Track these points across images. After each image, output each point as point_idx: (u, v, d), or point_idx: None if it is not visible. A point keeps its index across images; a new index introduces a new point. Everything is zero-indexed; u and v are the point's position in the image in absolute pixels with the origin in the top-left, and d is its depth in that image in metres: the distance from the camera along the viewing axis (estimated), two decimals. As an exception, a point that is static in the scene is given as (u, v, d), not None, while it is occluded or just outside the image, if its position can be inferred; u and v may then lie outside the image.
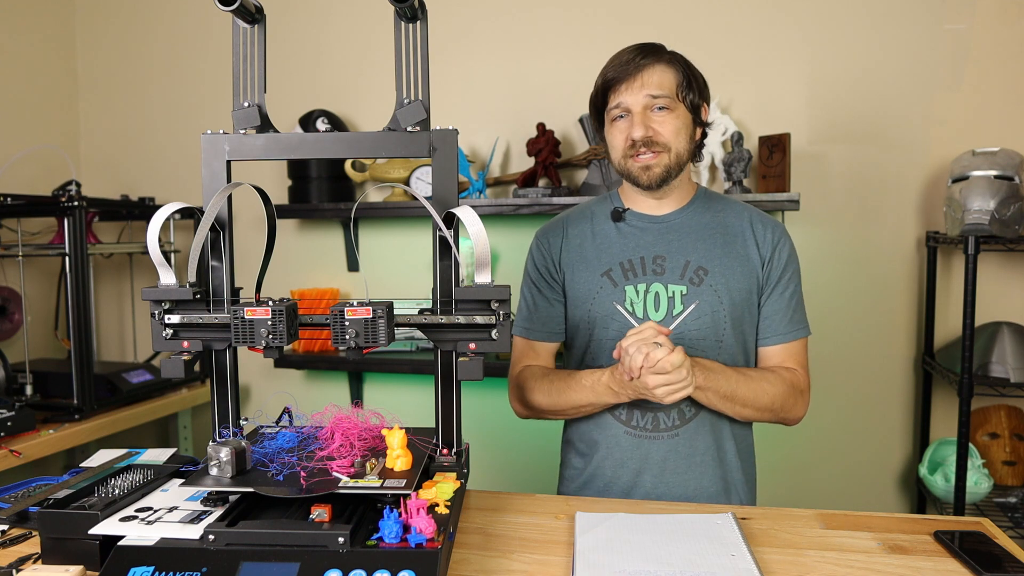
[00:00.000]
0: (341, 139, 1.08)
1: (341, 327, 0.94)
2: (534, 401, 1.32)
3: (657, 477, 1.28)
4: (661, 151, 1.24)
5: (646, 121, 1.24)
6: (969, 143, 1.99)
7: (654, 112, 1.24)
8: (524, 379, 1.35)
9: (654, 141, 1.24)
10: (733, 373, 1.23)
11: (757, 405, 1.25)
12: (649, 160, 1.25)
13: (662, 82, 1.24)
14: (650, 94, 1.23)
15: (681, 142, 1.26)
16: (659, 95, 1.23)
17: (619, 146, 1.28)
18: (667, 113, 1.24)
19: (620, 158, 1.28)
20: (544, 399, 1.30)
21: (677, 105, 1.25)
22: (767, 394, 1.25)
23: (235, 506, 0.92)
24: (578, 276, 1.33)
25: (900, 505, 2.18)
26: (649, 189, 1.28)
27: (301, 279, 2.47)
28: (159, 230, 0.98)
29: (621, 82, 1.24)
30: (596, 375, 1.24)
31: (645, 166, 1.25)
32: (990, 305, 2.03)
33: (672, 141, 1.25)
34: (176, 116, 2.59)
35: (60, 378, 2.04)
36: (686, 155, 1.28)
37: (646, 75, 1.23)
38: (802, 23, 2.12)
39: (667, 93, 1.24)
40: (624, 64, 1.24)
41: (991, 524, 1.08)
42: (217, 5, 0.99)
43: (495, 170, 2.33)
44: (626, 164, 1.28)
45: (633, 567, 0.90)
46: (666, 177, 1.26)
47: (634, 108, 1.24)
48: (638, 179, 1.27)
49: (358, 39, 2.41)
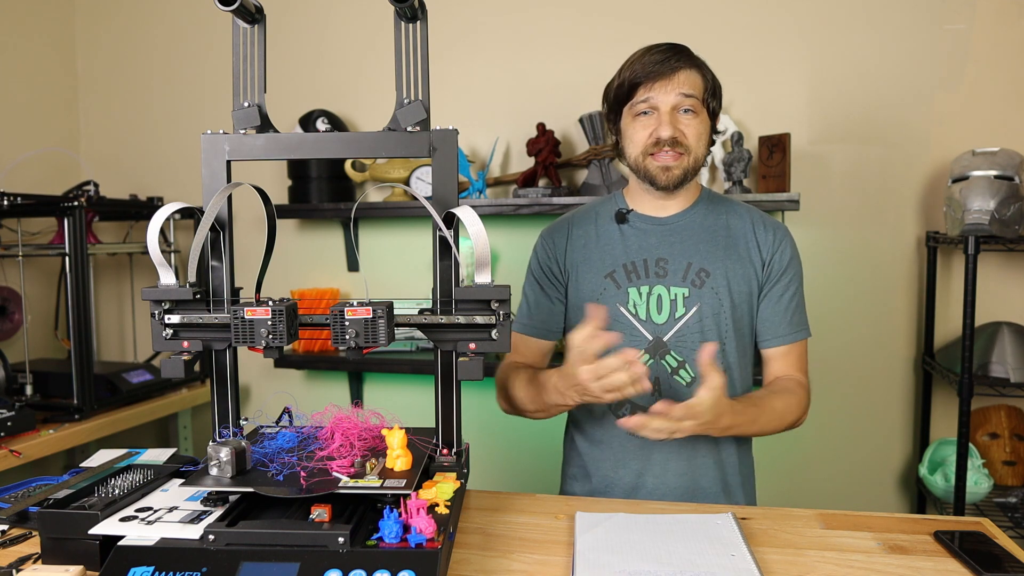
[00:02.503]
0: (341, 139, 1.08)
1: (341, 327, 0.94)
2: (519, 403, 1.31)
3: (659, 478, 1.28)
4: (683, 153, 1.24)
5: (674, 122, 1.23)
6: (969, 143, 1.99)
7: (681, 114, 1.24)
8: (505, 376, 1.35)
9: (678, 142, 1.23)
10: (754, 411, 1.22)
11: (772, 429, 1.27)
12: (670, 161, 1.24)
13: (694, 84, 1.24)
14: (683, 93, 1.22)
15: (701, 147, 1.26)
16: (690, 95, 1.23)
17: (640, 141, 1.26)
18: (693, 116, 1.24)
19: (639, 154, 1.27)
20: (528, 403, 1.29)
21: (702, 110, 1.25)
22: (782, 419, 1.26)
23: (235, 506, 0.92)
24: (582, 277, 1.34)
25: (900, 505, 2.18)
26: (665, 190, 1.28)
27: (301, 279, 2.47)
28: (159, 230, 0.98)
29: (654, 80, 1.23)
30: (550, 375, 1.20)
31: (665, 166, 1.25)
32: (990, 305, 2.03)
33: (695, 144, 1.25)
34: (176, 116, 2.59)
35: (60, 378, 2.04)
36: (703, 160, 1.29)
37: (680, 76, 1.23)
38: (802, 23, 2.12)
39: (696, 95, 1.24)
40: (659, 63, 1.23)
41: (991, 524, 1.08)
42: (217, 5, 0.99)
43: (495, 170, 2.33)
44: (644, 161, 1.26)
45: (633, 567, 0.90)
46: (683, 180, 1.27)
47: (663, 107, 1.23)
48: (656, 178, 1.26)
49: (358, 39, 2.41)
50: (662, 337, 1.27)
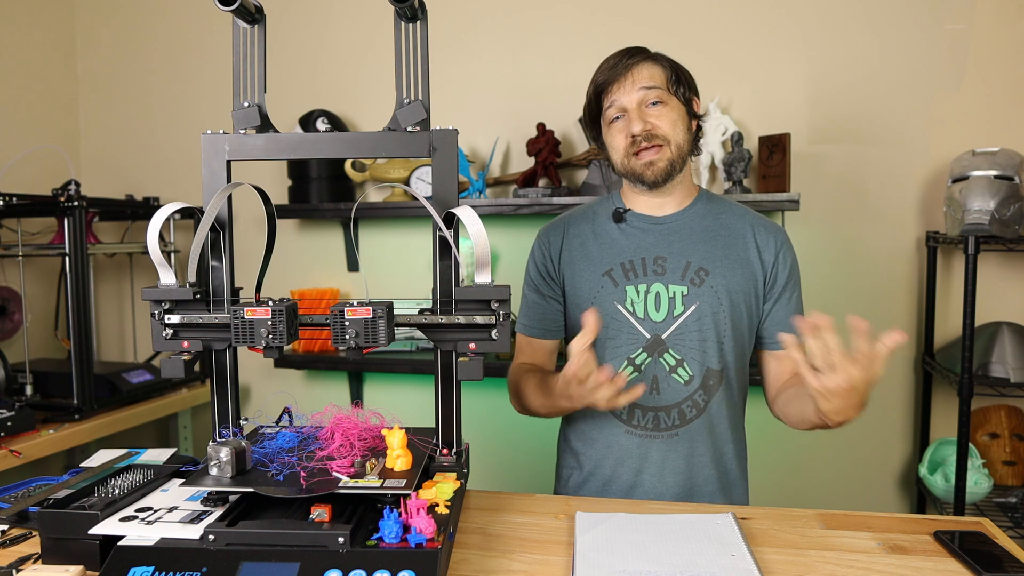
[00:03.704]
0: (341, 139, 1.08)
1: (341, 327, 0.94)
2: (531, 407, 1.32)
3: (656, 476, 1.28)
4: (662, 144, 1.25)
5: (643, 116, 1.25)
6: (969, 143, 1.99)
7: (649, 108, 1.26)
8: (516, 379, 1.37)
9: (654, 135, 1.25)
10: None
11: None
12: (652, 156, 1.25)
13: (653, 76, 1.26)
14: (643, 87, 1.25)
15: (679, 133, 1.27)
16: (652, 86, 1.25)
17: (620, 146, 1.28)
18: (662, 107, 1.26)
19: (622, 159, 1.29)
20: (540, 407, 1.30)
21: (670, 98, 1.27)
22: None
23: (235, 506, 0.92)
24: (579, 276, 1.33)
25: (900, 505, 2.18)
26: (655, 186, 1.28)
27: (301, 279, 2.47)
28: (159, 230, 0.98)
29: (612, 83, 1.27)
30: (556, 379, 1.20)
31: (648, 162, 1.26)
32: (990, 305, 2.03)
33: (671, 133, 1.26)
34: (176, 116, 2.59)
35: (60, 378, 2.04)
36: (686, 147, 1.29)
37: (635, 72, 1.26)
38: (802, 23, 2.12)
39: (659, 85, 1.26)
40: (613, 66, 1.27)
41: (991, 524, 1.08)
42: (217, 5, 0.99)
43: (495, 170, 2.33)
44: (629, 163, 1.28)
45: (633, 567, 0.90)
46: (670, 171, 1.27)
47: (629, 106, 1.26)
48: (643, 176, 1.27)
49: (358, 39, 2.41)
50: (660, 335, 1.27)
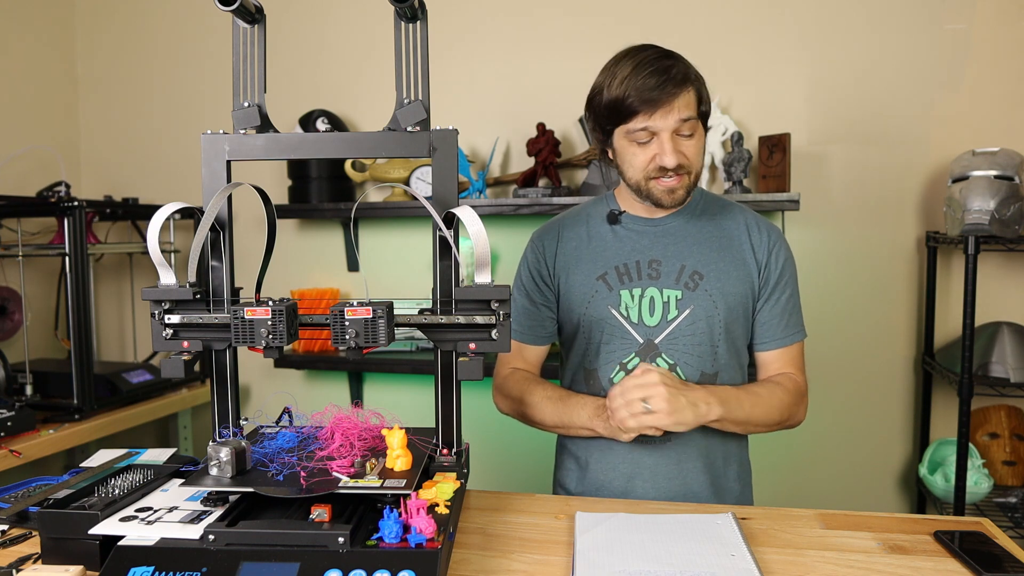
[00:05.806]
0: (341, 139, 1.08)
1: (341, 327, 0.94)
2: (538, 419, 1.32)
3: (649, 482, 1.27)
4: (684, 174, 1.23)
5: (676, 146, 1.20)
6: (969, 143, 1.99)
7: (682, 137, 1.22)
8: (519, 386, 1.35)
9: (680, 165, 1.21)
10: (746, 397, 1.23)
11: (768, 423, 1.26)
12: (674, 183, 1.23)
13: (688, 103, 1.20)
14: (681, 118, 1.19)
15: (700, 160, 1.26)
16: (688, 118, 1.20)
17: (641, 166, 1.23)
18: (693, 138, 1.22)
19: (641, 178, 1.24)
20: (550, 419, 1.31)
21: (698, 125, 1.23)
22: (776, 409, 1.26)
23: (235, 506, 0.92)
24: (573, 279, 1.33)
25: (900, 505, 2.18)
26: (670, 209, 1.29)
27: (301, 279, 2.47)
28: (159, 230, 0.98)
29: (654, 108, 1.18)
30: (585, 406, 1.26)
31: (670, 189, 1.23)
32: (990, 305, 2.03)
33: (695, 163, 1.24)
34: (176, 116, 2.59)
35: (60, 378, 2.04)
36: (701, 169, 1.29)
37: (679, 101, 1.19)
38: (802, 23, 2.12)
39: (693, 115, 1.21)
40: (656, 88, 1.17)
41: (991, 524, 1.08)
42: (217, 5, 0.99)
43: (495, 170, 2.33)
44: (647, 185, 1.24)
45: (633, 567, 0.90)
46: (687, 197, 1.27)
47: (663, 133, 1.20)
48: (660, 201, 1.25)
49: (358, 39, 2.41)
50: (653, 340, 1.27)
